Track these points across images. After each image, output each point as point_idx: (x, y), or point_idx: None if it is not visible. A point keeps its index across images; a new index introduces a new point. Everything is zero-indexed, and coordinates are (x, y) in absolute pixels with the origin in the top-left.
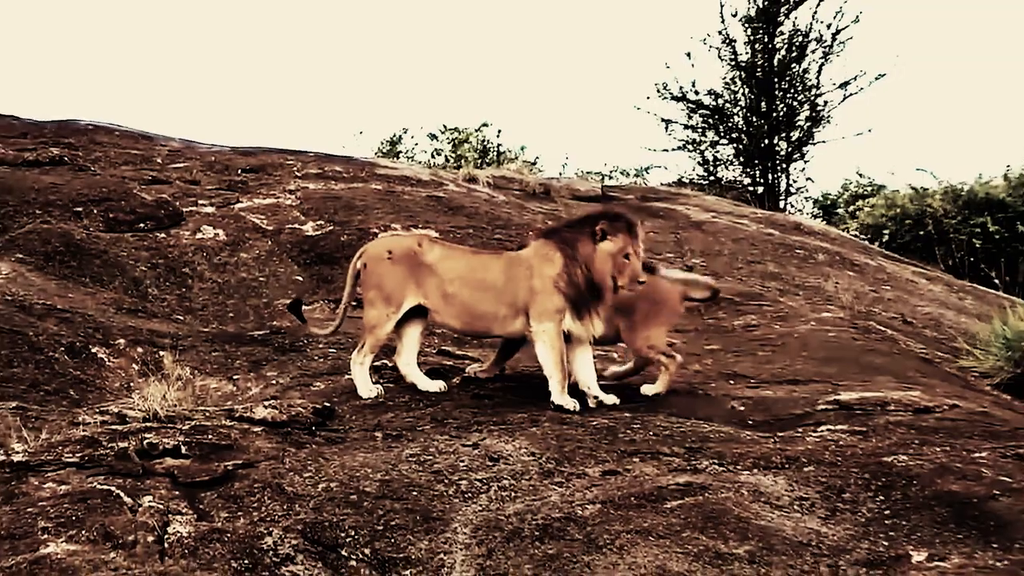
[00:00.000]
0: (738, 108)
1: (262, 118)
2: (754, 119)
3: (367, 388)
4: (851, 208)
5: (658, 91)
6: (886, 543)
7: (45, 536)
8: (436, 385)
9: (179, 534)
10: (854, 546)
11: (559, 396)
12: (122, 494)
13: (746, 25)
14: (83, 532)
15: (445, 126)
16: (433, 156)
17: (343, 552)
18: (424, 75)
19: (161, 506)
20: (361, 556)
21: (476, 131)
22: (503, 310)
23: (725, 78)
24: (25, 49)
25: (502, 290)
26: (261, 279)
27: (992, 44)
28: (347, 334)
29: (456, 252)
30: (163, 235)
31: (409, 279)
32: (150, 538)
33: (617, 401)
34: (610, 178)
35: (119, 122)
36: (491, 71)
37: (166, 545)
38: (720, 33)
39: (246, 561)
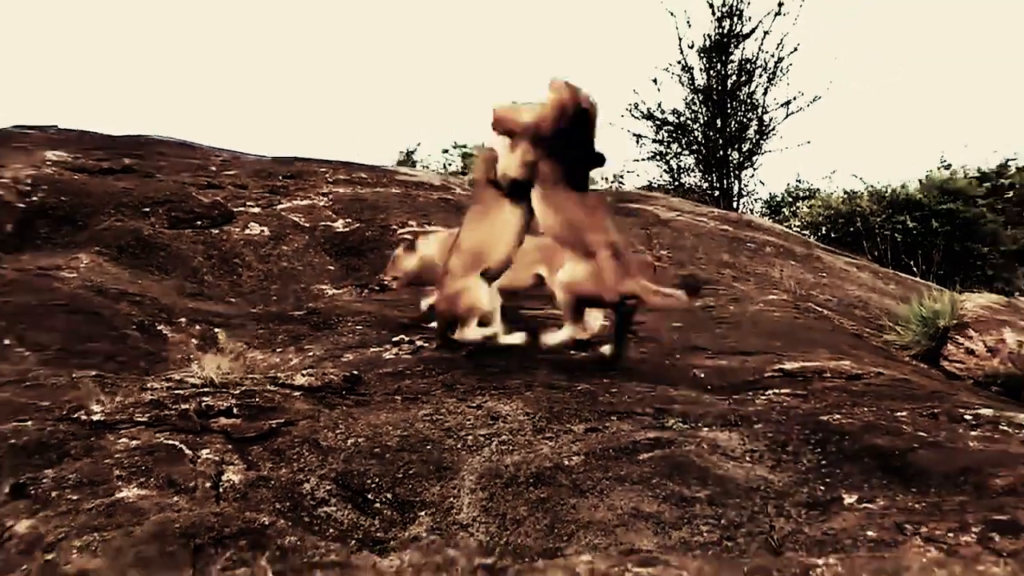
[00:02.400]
0: (697, 124)
1: (299, 132)
2: (711, 133)
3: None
4: (793, 208)
5: (629, 111)
6: (823, 488)
7: (119, 483)
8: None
9: (231, 481)
10: (796, 491)
11: None
12: (184, 447)
13: (702, 55)
14: (151, 479)
15: (455, 143)
16: (445, 166)
17: (369, 496)
18: (435, 93)
19: (216, 458)
20: (384, 499)
21: (480, 147)
22: None
23: (686, 99)
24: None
25: None
26: (299, 268)
27: (908, 64)
28: (371, 315)
29: None
30: (217, 231)
31: None
32: (207, 484)
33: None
34: (592, 182)
35: (178, 136)
36: (494, 89)
37: (221, 490)
38: (679, 63)
39: (288, 503)
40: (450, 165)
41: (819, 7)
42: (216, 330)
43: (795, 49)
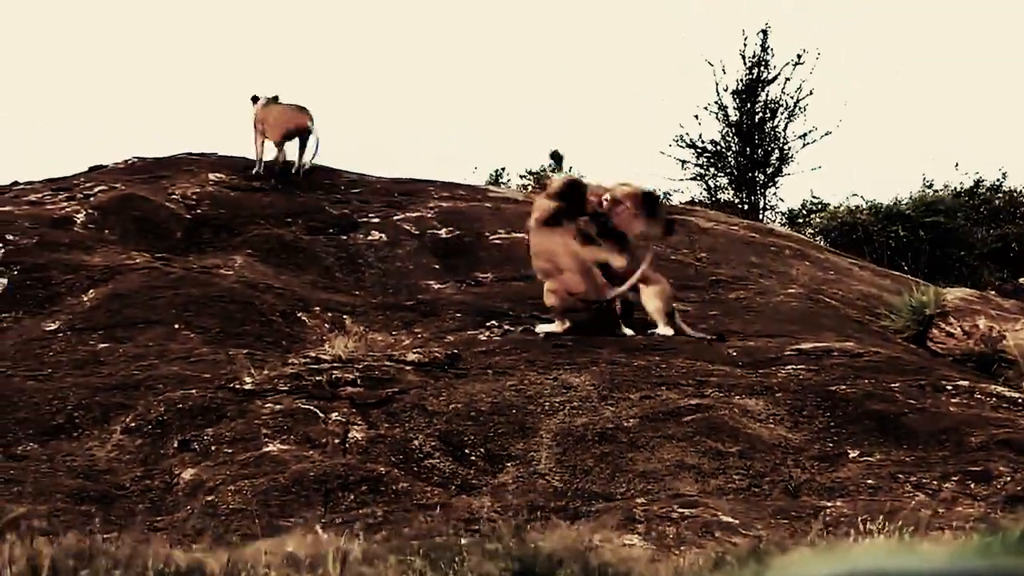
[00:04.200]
0: (731, 152)
1: (411, 157)
2: (742, 160)
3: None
4: (807, 219)
5: (676, 141)
6: (832, 445)
7: (266, 439)
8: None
9: (356, 438)
10: (809, 447)
11: None
12: (317, 411)
13: (735, 96)
14: (291, 436)
15: (529, 170)
16: (525, 187)
17: (465, 450)
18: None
19: (343, 419)
20: (478, 454)
21: (554, 170)
22: None
23: (721, 132)
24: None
25: None
26: (410, 267)
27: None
28: (468, 305)
29: None
30: (345, 237)
31: None
32: (336, 441)
33: None
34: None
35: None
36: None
37: (347, 445)
38: (716, 103)
39: (400, 456)
40: (529, 184)
41: (832, 54)
42: (344, 316)
43: (811, 92)
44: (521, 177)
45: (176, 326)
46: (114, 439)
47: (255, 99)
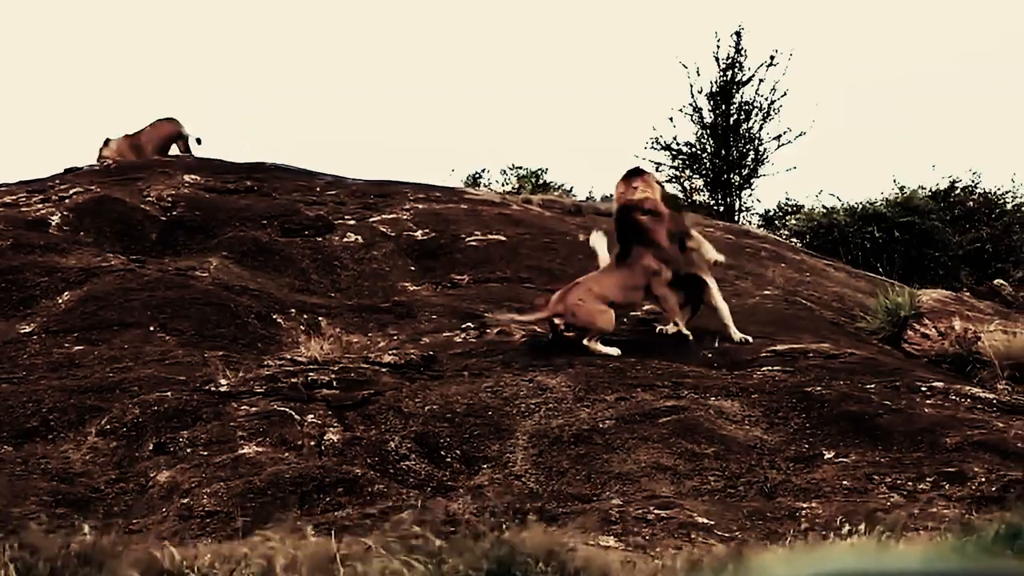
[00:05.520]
0: (706, 154)
1: (386, 160)
2: (717, 161)
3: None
4: (783, 220)
5: (651, 144)
6: (807, 446)
7: (241, 441)
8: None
9: (331, 440)
10: (785, 448)
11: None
12: (293, 413)
13: (709, 99)
14: (267, 439)
15: (513, 164)
16: (503, 186)
17: (441, 452)
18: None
19: (319, 421)
20: (454, 455)
21: (534, 172)
22: None
23: (696, 134)
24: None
25: None
26: (386, 269)
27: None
28: (444, 306)
29: None
30: (320, 239)
31: None
32: (312, 443)
33: None
34: None
35: (288, 162)
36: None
37: (323, 448)
38: (691, 104)
39: (376, 458)
40: (507, 184)
41: (805, 54)
42: (319, 318)
43: (784, 93)
44: (503, 174)
45: (151, 328)
46: (89, 442)
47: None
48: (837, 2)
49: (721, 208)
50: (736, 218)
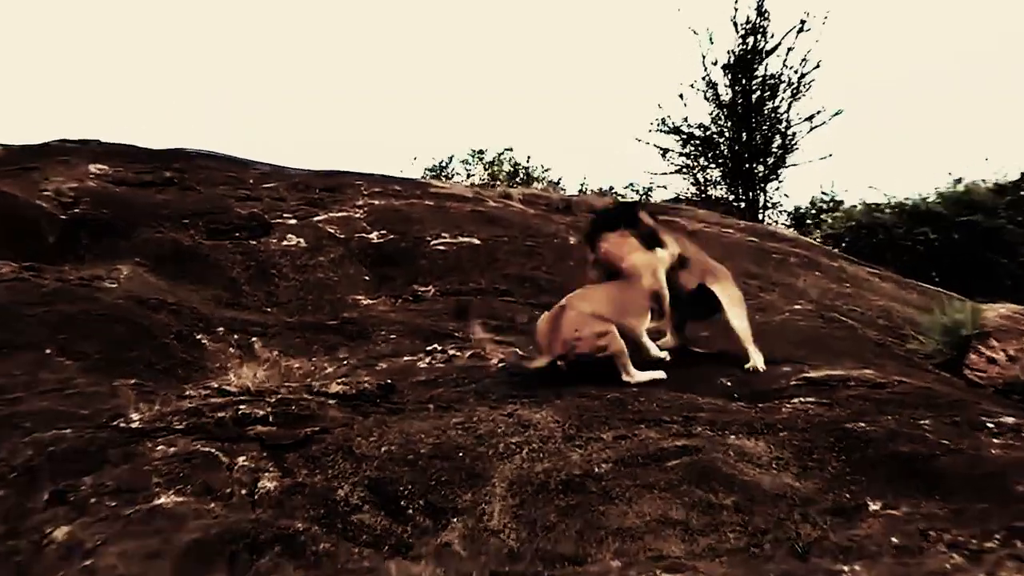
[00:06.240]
0: (723, 138)
1: (335, 146)
2: (736, 147)
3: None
4: (817, 219)
5: (657, 127)
6: (848, 495)
7: (158, 489)
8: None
9: (267, 488)
10: (821, 497)
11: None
12: (220, 455)
13: (726, 71)
14: (189, 486)
15: (474, 150)
16: (468, 176)
17: (402, 503)
18: (464, 104)
19: (252, 465)
20: (417, 506)
21: (500, 155)
22: None
23: (711, 114)
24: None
25: None
26: (335, 278)
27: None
28: (405, 324)
29: None
30: (254, 242)
31: None
32: (243, 491)
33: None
34: (622, 196)
35: (215, 149)
36: (520, 102)
37: (256, 497)
38: (704, 79)
39: (322, 510)
40: (472, 175)
41: (842, 20)
42: (253, 339)
43: (817, 65)
44: (464, 164)
45: (48, 351)
46: None
47: None
48: None
49: (742, 204)
50: (760, 217)
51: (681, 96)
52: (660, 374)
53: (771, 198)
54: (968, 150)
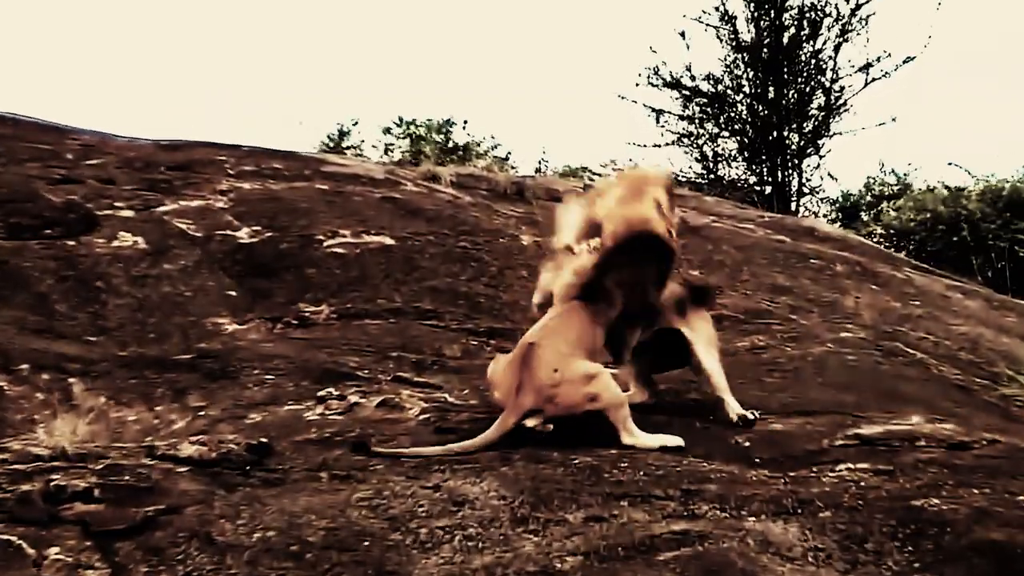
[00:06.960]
0: (741, 95)
1: (188, 108)
2: (760, 108)
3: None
4: (874, 211)
5: (648, 78)
6: None
7: None
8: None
9: None
10: None
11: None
12: (24, 545)
13: (747, 1)
14: None
15: (401, 119)
16: (386, 152)
17: None
18: (378, 60)
19: (70, 559)
20: None
21: (440, 126)
22: None
23: (725, 60)
24: None
25: None
26: (188, 294)
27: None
28: (289, 359)
29: None
30: (73, 243)
31: None
32: None
33: None
34: (592, 177)
35: (23, 112)
36: (456, 58)
37: None
38: (718, 9)
39: None
40: (392, 151)
41: None
42: (70, 380)
43: None
44: (386, 133)
45: None
46: None
47: None
48: None
49: (767, 189)
50: (793, 206)
51: (682, 35)
52: (677, 440)
53: (808, 180)
54: None
